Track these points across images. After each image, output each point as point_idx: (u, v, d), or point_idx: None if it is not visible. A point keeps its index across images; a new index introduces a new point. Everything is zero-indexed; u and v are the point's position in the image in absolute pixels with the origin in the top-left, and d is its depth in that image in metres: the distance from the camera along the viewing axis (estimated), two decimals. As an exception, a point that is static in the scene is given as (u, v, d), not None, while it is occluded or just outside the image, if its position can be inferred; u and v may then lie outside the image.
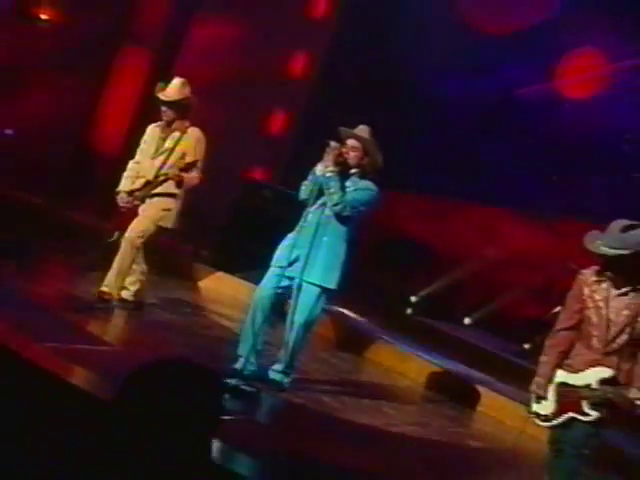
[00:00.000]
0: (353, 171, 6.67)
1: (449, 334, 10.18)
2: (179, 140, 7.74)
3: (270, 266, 6.75)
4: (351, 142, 6.62)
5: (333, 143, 6.58)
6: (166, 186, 7.67)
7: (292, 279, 6.61)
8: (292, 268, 6.60)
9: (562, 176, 10.93)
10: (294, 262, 6.60)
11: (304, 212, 6.63)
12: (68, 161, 12.22)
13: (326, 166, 6.54)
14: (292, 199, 6.98)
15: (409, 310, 11.01)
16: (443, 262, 11.24)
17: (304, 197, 6.64)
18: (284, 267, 6.61)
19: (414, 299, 11.03)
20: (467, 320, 10.74)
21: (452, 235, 11.31)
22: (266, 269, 6.78)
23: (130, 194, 7.70)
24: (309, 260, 6.54)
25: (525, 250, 10.64)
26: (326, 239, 6.61)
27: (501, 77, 11.24)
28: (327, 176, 6.53)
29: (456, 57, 11.38)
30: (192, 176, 7.70)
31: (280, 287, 6.63)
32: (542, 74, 11.33)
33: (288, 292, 6.66)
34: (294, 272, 6.60)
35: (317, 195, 6.58)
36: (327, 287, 6.66)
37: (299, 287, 6.60)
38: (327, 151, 6.55)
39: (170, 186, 7.68)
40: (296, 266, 6.59)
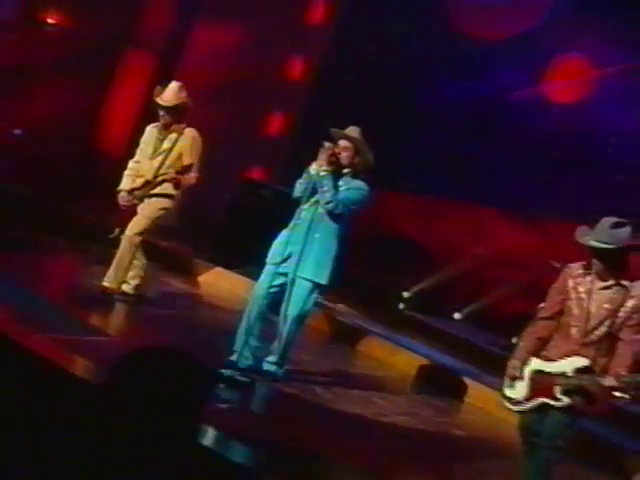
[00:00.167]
0: (345, 171, 6.70)
1: (439, 328, 10.22)
2: (176, 141, 7.81)
3: (265, 263, 6.79)
4: (343, 143, 6.65)
5: (326, 144, 6.62)
6: (164, 187, 7.77)
7: (286, 275, 6.66)
8: (286, 264, 6.64)
9: (550, 177, 10.95)
10: (287, 258, 6.64)
11: (297, 210, 6.67)
12: (73, 160, 12.23)
13: (320, 165, 6.58)
14: (288, 198, 7.01)
15: (401, 305, 11.06)
16: (435, 260, 11.27)
17: (298, 195, 6.68)
18: (278, 264, 6.65)
19: (406, 295, 11.08)
20: (457, 315, 10.79)
21: (444, 234, 11.34)
22: (263, 265, 6.82)
23: (130, 193, 7.80)
24: (302, 256, 6.58)
25: (513, 248, 10.67)
26: (318, 236, 6.64)
27: (493, 81, 11.25)
28: (320, 175, 6.57)
29: (450, 62, 11.42)
30: (189, 177, 7.79)
31: (275, 285, 6.68)
32: (532, 79, 11.36)
33: (282, 289, 6.70)
34: (288, 268, 6.64)
35: (310, 193, 6.61)
36: (319, 282, 6.70)
37: (292, 282, 6.64)
38: (320, 151, 6.59)
39: (168, 187, 7.78)
40: (290, 262, 6.63)
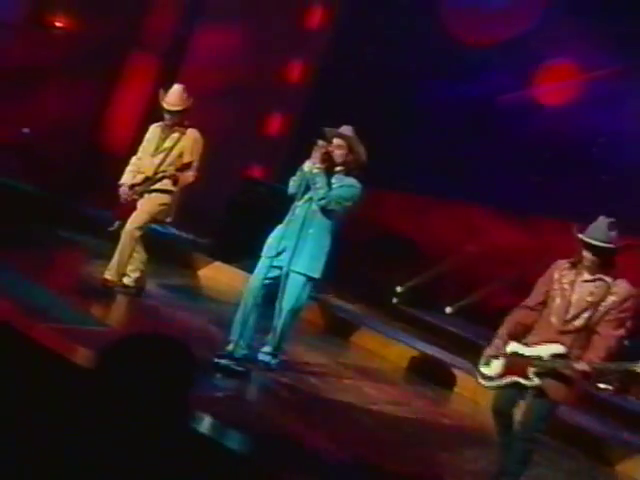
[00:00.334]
0: (338, 168, 6.70)
1: (431, 322, 10.23)
2: (178, 141, 7.82)
3: (261, 256, 6.79)
4: (336, 141, 6.65)
5: (320, 142, 6.62)
6: (163, 183, 7.78)
7: (280, 268, 6.66)
8: (280, 258, 6.65)
9: (539, 177, 10.96)
10: (282, 252, 6.64)
11: (292, 206, 6.68)
12: (79, 158, 12.24)
13: (314, 163, 6.58)
14: (285, 195, 7.01)
15: (395, 300, 11.07)
16: (427, 256, 11.28)
17: (292, 191, 6.68)
18: (273, 257, 6.65)
19: (400, 289, 11.09)
20: (448, 309, 10.79)
21: (436, 231, 11.36)
22: (259, 259, 6.82)
23: (131, 188, 7.81)
24: (296, 251, 6.58)
25: (503, 246, 10.69)
26: (312, 231, 6.64)
27: (485, 84, 11.26)
28: (314, 173, 6.57)
29: (443, 65, 11.42)
30: (187, 175, 7.80)
31: (269, 278, 6.68)
32: (522, 82, 11.38)
33: (277, 281, 6.70)
34: (282, 262, 6.64)
35: (304, 190, 6.62)
36: (312, 276, 6.71)
37: (287, 276, 6.65)
38: (314, 149, 6.59)
39: (167, 183, 7.78)
40: (284, 256, 6.64)
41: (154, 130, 7.98)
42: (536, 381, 5.16)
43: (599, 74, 10.80)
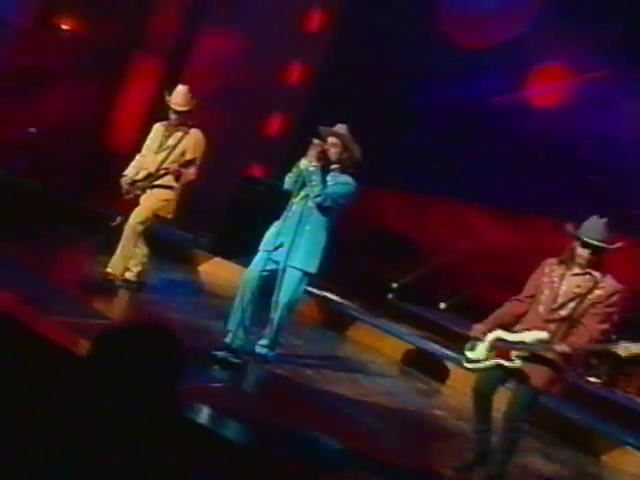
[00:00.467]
0: (334, 166, 6.69)
1: (425, 317, 10.24)
2: (181, 139, 7.81)
3: (258, 250, 6.80)
4: (331, 139, 6.64)
5: (315, 141, 6.62)
6: (166, 179, 7.76)
7: (277, 262, 6.66)
8: (277, 253, 6.64)
9: (529, 176, 10.96)
10: (279, 247, 6.64)
11: (289, 203, 6.68)
12: (84, 157, 12.26)
13: (310, 161, 6.58)
14: (283, 192, 7.00)
15: (390, 295, 11.08)
16: (422, 253, 11.30)
17: (287, 187, 6.69)
18: (270, 251, 6.66)
19: (395, 286, 11.09)
20: (442, 305, 10.80)
21: (430, 229, 11.38)
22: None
23: (133, 184, 7.81)
24: (292, 246, 6.57)
25: (494, 243, 10.69)
26: (308, 228, 6.64)
27: (478, 86, 11.26)
28: (310, 170, 6.56)
29: (438, 67, 11.42)
30: (189, 172, 7.77)
31: (266, 270, 6.68)
32: (513, 84, 11.38)
33: (273, 274, 6.70)
34: (279, 257, 6.64)
35: (300, 187, 6.62)
36: (308, 271, 6.70)
37: (283, 271, 6.64)
38: (310, 148, 6.59)
39: (169, 179, 7.76)
40: (281, 251, 6.63)
41: (158, 129, 7.99)
42: (518, 363, 5.18)
43: (589, 77, 10.81)
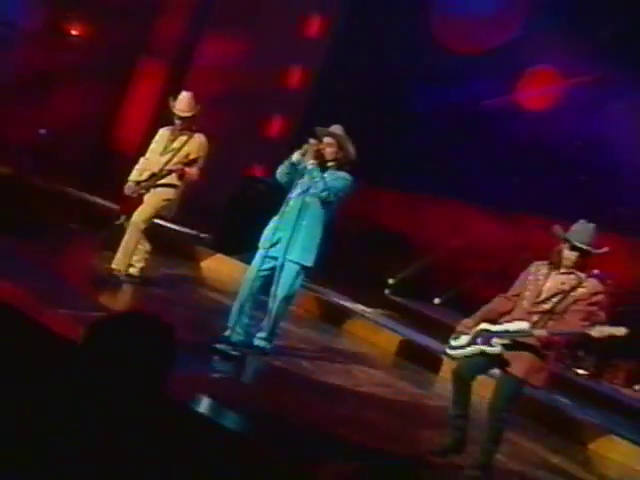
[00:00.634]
0: (330, 164, 6.71)
1: (420, 311, 10.24)
2: (185, 143, 7.83)
3: (258, 247, 6.80)
4: (327, 139, 6.65)
5: (312, 140, 6.62)
6: (169, 178, 7.78)
7: (275, 259, 6.66)
8: (275, 248, 6.64)
9: (520, 177, 10.97)
10: (277, 243, 6.64)
11: (286, 199, 6.68)
12: (91, 158, 12.29)
13: (306, 159, 6.59)
14: (282, 190, 7.01)
15: (387, 290, 11.10)
16: (417, 251, 11.31)
17: (279, 178, 6.72)
18: (268, 249, 6.65)
19: (391, 281, 11.11)
20: (437, 300, 10.81)
21: (426, 227, 11.38)
22: (257, 251, 6.83)
23: (137, 184, 7.83)
24: (290, 241, 6.56)
25: (487, 241, 10.70)
26: (305, 223, 6.63)
27: (470, 90, 11.28)
28: (309, 168, 6.57)
29: (434, 71, 11.44)
30: (192, 172, 7.77)
31: (265, 269, 6.68)
32: (506, 88, 11.39)
33: (272, 272, 6.70)
34: (277, 252, 6.64)
35: (292, 181, 6.63)
36: (305, 265, 6.69)
37: (281, 265, 6.64)
38: (306, 146, 6.61)
39: (172, 178, 7.78)
40: (279, 246, 6.63)
41: (163, 133, 8.00)
42: (498, 349, 5.17)
43: (579, 80, 10.82)
